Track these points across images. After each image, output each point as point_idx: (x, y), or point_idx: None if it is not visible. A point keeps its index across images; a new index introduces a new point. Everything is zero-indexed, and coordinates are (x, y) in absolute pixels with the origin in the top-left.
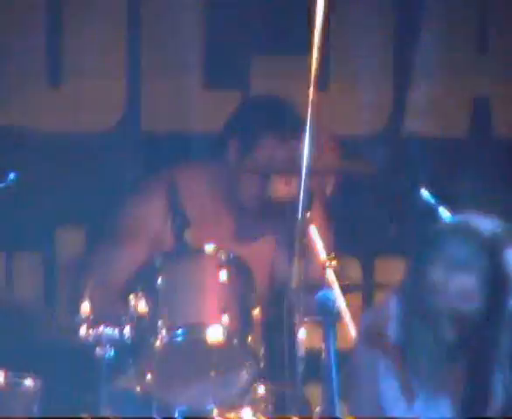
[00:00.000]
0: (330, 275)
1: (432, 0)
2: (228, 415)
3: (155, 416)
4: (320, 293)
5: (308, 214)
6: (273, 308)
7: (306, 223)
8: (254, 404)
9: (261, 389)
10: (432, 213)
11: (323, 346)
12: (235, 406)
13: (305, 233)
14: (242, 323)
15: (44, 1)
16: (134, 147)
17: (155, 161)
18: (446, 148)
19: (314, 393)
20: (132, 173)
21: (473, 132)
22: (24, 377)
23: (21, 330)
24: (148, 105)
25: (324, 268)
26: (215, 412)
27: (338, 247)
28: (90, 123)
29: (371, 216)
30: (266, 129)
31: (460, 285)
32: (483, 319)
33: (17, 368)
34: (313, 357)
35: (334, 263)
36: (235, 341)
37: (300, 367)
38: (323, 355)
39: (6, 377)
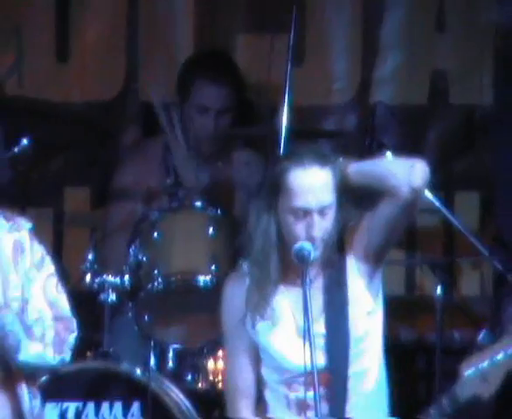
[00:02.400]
0: None
1: None
2: (215, 352)
3: (151, 353)
4: (297, 245)
5: None
6: None
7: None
8: None
9: None
10: None
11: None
12: (223, 344)
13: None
14: (229, 270)
15: None
16: (133, 115)
17: (152, 127)
18: (408, 114)
19: None
20: (131, 138)
21: (432, 100)
22: None
23: None
24: (145, 77)
25: None
26: (205, 349)
27: None
28: (94, 93)
29: None
30: (196, 74)
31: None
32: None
33: None
34: None
35: None
36: (223, 287)
37: None
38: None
39: None
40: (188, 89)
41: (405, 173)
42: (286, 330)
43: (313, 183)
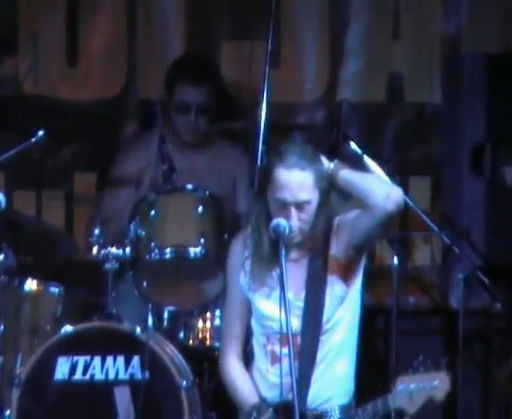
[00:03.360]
0: None
1: None
2: (204, 313)
3: (149, 314)
4: (274, 221)
5: None
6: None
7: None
8: None
9: None
10: (358, 160)
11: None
12: (210, 306)
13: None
14: (215, 243)
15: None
16: (133, 111)
17: (149, 121)
18: (369, 110)
19: None
20: (131, 130)
21: (389, 98)
22: (51, 285)
23: (48, 248)
24: (143, 79)
25: None
26: (195, 311)
27: None
28: (98, 92)
29: None
30: (179, 76)
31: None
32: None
33: (45, 278)
34: None
35: None
36: (210, 257)
37: None
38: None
39: (37, 285)
40: (172, 89)
41: (383, 196)
42: (272, 295)
43: (291, 181)
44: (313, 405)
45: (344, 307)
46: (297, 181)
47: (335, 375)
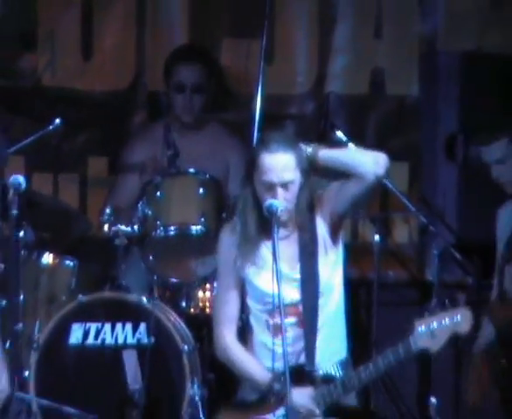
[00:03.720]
0: None
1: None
2: (204, 285)
3: (154, 285)
4: (267, 202)
5: None
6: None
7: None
8: None
9: None
10: (344, 147)
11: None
12: (210, 278)
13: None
14: (214, 222)
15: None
16: (141, 102)
17: (157, 111)
18: (354, 102)
19: None
20: (139, 119)
21: (372, 91)
22: (66, 259)
23: (64, 225)
24: (151, 72)
25: None
26: (196, 283)
27: None
28: (110, 84)
29: None
30: (175, 59)
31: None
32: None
33: (61, 253)
34: None
35: None
36: (210, 235)
37: None
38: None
39: (54, 258)
40: (170, 73)
41: (372, 163)
42: (268, 272)
43: (275, 164)
44: (319, 366)
45: (335, 272)
46: (281, 163)
47: (334, 336)
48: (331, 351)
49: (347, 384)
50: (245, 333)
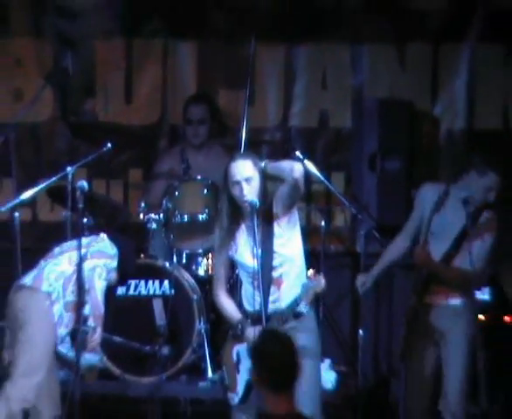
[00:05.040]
0: None
1: (310, 51)
2: (207, 254)
3: (174, 255)
4: (248, 200)
5: None
6: None
7: None
8: None
9: None
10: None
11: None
12: (211, 250)
13: None
14: (214, 213)
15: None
16: (165, 132)
17: (175, 138)
18: (307, 133)
19: None
20: (164, 144)
21: (319, 125)
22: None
23: (113, 214)
24: (171, 111)
25: None
26: (202, 253)
27: None
28: (144, 120)
29: None
30: (188, 102)
31: None
32: None
33: (111, 233)
34: None
35: None
36: (211, 221)
37: None
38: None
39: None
40: (185, 111)
41: (289, 170)
42: (246, 250)
43: (238, 166)
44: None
45: (293, 246)
46: (242, 164)
47: (295, 287)
48: (288, 299)
49: (282, 314)
50: (235, 288)
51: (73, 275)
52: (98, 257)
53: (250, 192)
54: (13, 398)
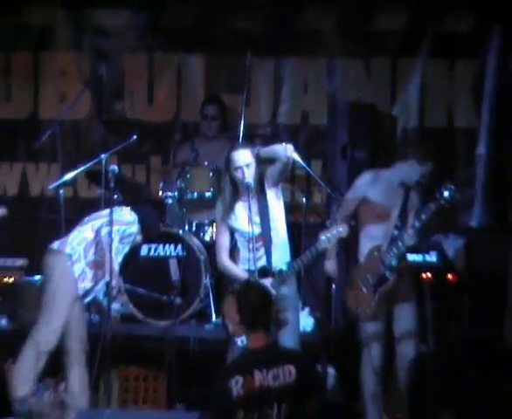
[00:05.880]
0: None
1: (294, 63)
2: (212, 224)
3: (185, 224)
4: (245, 181)
5: None
6: None
7: None
8: None
9: None
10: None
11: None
12: (215, 220)
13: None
14: (218, 191)
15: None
16: (179, 127)
17: (188, 133)
18: (292, 128)
19: None
20: (179, 138)
21: (302, 122)
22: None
23: (138, 192)
24: (184, 110)
25: None
26: (207, 222)
27: None
28: (163, 117)
29: None
30: (204, 102)
31: None
32: None
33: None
34: None
35: None
36: (215, 198)
37: None
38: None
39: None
40: (201, 109)
41: (283, 150)
42: (244, 219)
43: (239, 155)
44: (274, 266)
45: (280, 216)
46: (242, 153)
47: (283, 249)
48: (281, 258)
49: (287, 272)
50: (234, 252)
51: (95, 239)
52: (113, 224)
53: (249, 175)
54: (39, 342)
